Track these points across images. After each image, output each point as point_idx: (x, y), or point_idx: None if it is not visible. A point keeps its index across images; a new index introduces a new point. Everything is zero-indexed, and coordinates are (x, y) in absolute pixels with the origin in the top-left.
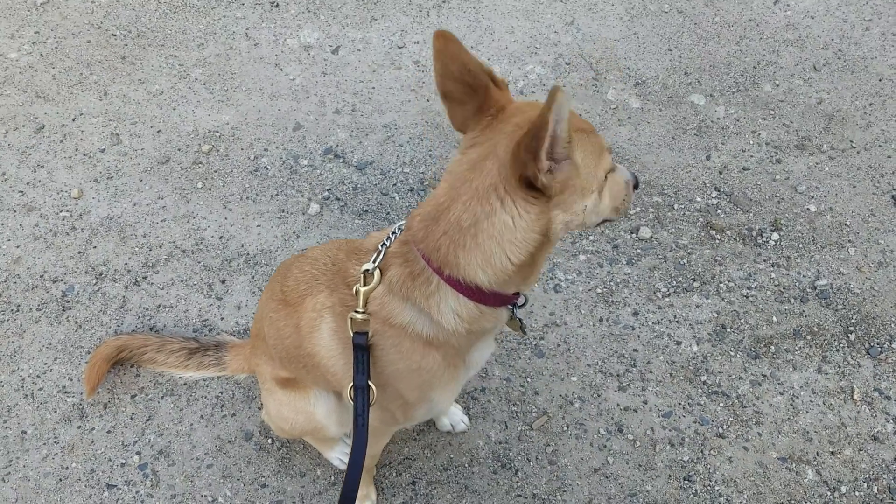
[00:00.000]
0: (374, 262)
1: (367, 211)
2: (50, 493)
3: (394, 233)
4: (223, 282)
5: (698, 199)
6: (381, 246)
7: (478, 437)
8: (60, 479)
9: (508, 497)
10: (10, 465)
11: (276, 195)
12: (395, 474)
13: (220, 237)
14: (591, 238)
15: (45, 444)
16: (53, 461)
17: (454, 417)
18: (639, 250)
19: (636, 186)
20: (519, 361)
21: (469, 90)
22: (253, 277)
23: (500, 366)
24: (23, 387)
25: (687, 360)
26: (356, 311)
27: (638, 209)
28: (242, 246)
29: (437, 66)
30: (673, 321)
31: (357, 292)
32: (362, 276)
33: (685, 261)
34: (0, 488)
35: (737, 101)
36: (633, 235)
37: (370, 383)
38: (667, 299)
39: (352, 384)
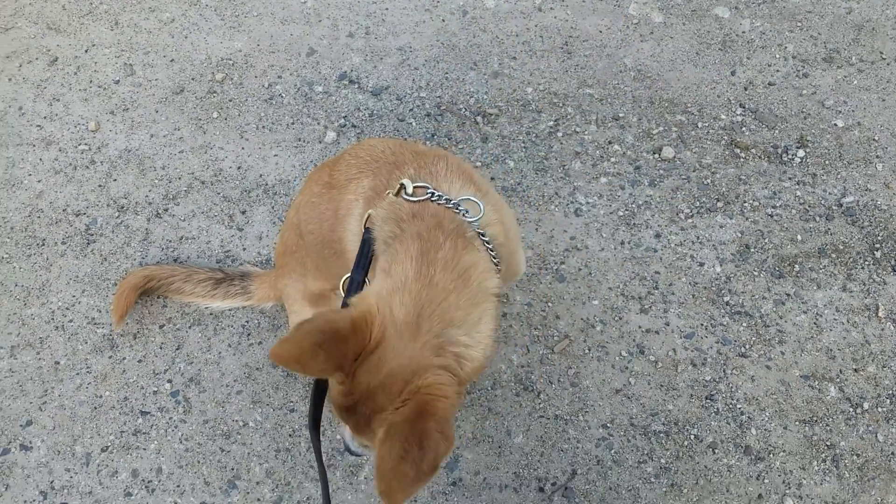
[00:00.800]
0: (412, 183)
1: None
2: (86, 421)
3: (441, 196)
4: (243, 212)
5: (723, 117)
6: (431, 191)
7: (500, 362)
8: (95, 408)
9: (531, 418)
10: (45, 395)
11: (292, 123)
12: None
13: (238, 168)
14: (613, 160)
15: (78, 373)
16: (87, 390)
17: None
18: (661, 171)
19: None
20: (540, 286)
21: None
22: (272, 208)
23: (521, 291)
24: (53, 319)
25: (710, 281)
26: (375, 209)
27: (661, 128)
28: (261, 176)
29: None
30: (696, 242)
31: (386, 195)
32: (399, 186)
33: (709, 181)
34: (38, 417)
35: (763, 13)
36: (656, 156)
37: (367, 279)
38: (690, 220)
39: (348, 275)
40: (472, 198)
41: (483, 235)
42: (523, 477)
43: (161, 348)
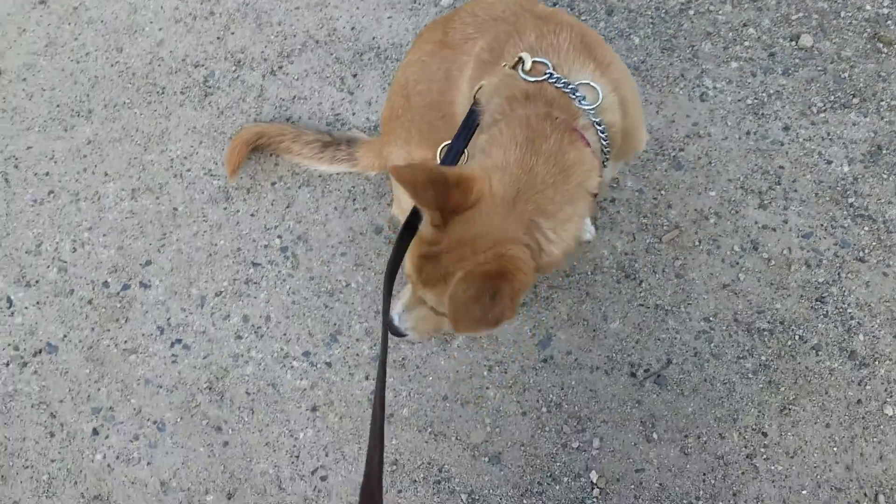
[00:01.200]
0: (531, 58)
1: None
2: (202, 266)
3: (560, 79)
4: (354, 76)
5: (868, 7)
6: (549, 72)
7: (603, 247)
8: (210, 254)
9: (630, 306)
10: (164, 238)
11: None
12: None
13: (352, 28)
14: (746, 44)
15: (195, 221)
16: (203, 237)
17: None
18: (797, 60)
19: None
20: (654, 173)
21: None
22: (383, 73)
23: (633, 176)
24: (172, 167)
25: (836, 180)
26: (487, 80)
27: (801, 14)
28: (373, 38)
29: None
30: (826, 139)
31: (502, 66)
32: (517, 58)
33: (846, 74)
34: (156, 258)
35: None
36: (793, 43)
37: (466, 150)
38: (822, 115)
39: (448, 143)
40: (591, 82)
41: (599, 124)
42: (615, 361)
43: (272, 205)
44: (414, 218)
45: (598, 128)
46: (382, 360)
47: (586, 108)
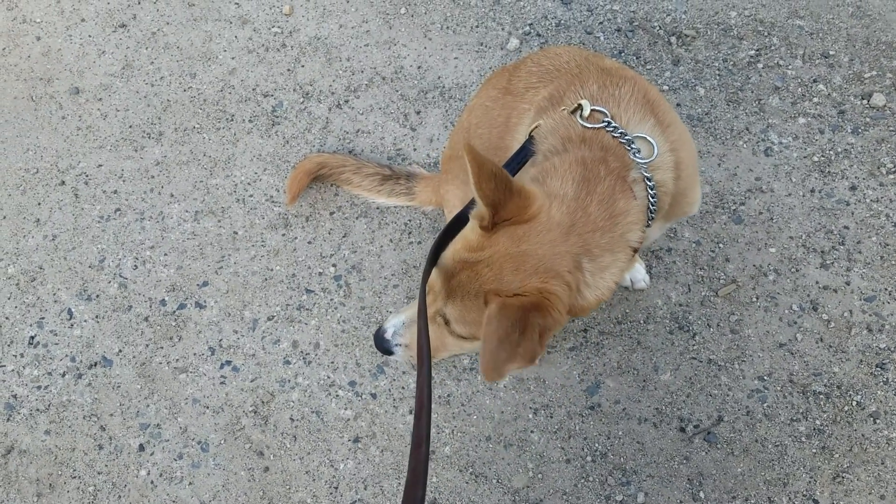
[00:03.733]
0: (590, 106)
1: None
2: (256, 290)
3: (617, 129)
4: (418, 113)
5: None
6: (607, 121)
7: (657, 297)
8: (266, 279)
9: (682, 358)
10: (222, 260)
11: (477, 27)
12: (567, 320)
13: (419, 67)
14: (815, 100)
15: (253, 245)
16: (260, 262)
17: (636, 275)
18: (868, 119)
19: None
20: (713, 225)
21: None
22: (446, 111)
23: (691, 228)
24: (235, 191)
25: None
26: (545, 120)
27: (874, 73)
28: (439, 78)
29: (473, 170)
30: (894, 200)
31: (561, 111)
32: (576, 106)
33: None
34: (213, 279)
35: None
36: (864, 102)
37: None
38: (891, 176)
39: None
40: (648, 137)
41: (649, 180)
42: (665, 414)
43: (329, 234)
44: (468, 209)
45: (649, 184)
46: (428, 380)
47: (640, 161)
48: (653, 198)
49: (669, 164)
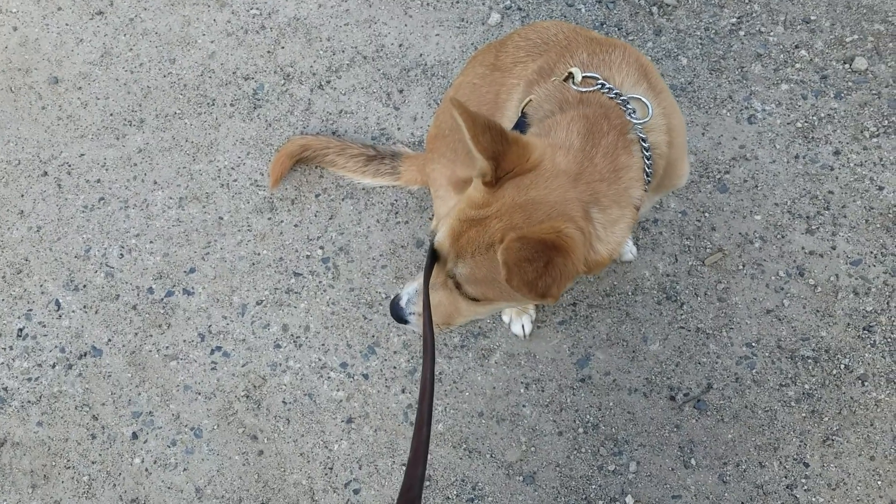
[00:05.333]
0: (582, 73)
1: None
2: (244, 275)
3: (612, 90)
4: (401, 91)
5: None
6: (602, 82)
7: (644, 268)
8: (253, 264)
9: (671, 328)
10: (209, 246)
11: (457, 2)
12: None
13: (400, 45)
14: (798, 66)
15: (239, 230)
16: (247, 246)
17: (623, 247)
18: (850, 83)
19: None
20: (699, 195)
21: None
22: (429, 89)
23: (676, 198)
24: (219, 176)
25: (887, 207)
26: (537, 92)
27: (855, 37)
28: (421, 55)
29: (467, 125)
30: (878, 164)
31: (552, 80)
32: (567, 74)
33: None
34: (200, 265)
35: None
36: (846, 66)
37: None
38: (874, 140)
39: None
40: (643, 98)
41: (644, 141)
42: (654, 384)
43: (315, 216)
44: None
45: (644, 145)
46: (431, 365)
47: (635, 122)
48: (648, 161)
49: (663, 127)
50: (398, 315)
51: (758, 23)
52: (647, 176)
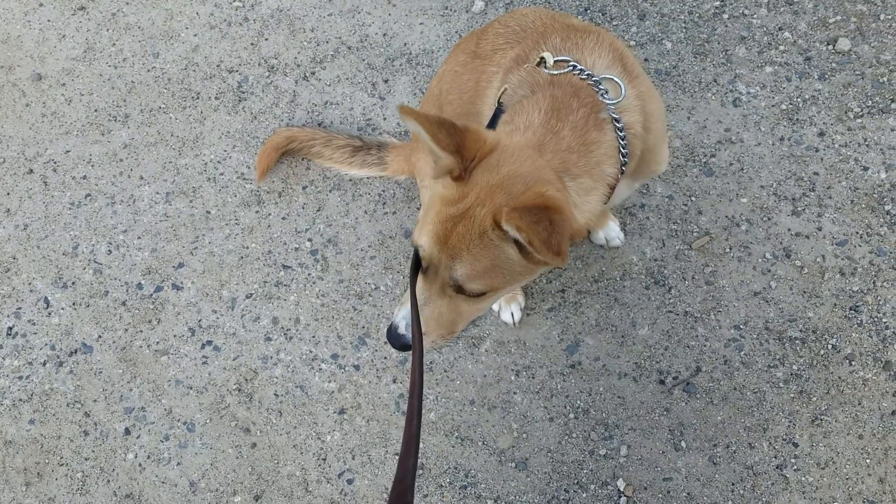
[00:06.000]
0: (553, 57)
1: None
2: (233, 269)
3: (582, 70)
4: (386, 81)
5: None
6: (578, 69)
7: (632, 253)
8: (242, 257)
9: (659, 312)
10: (196, 241)
11: None
12: (545, 281)
13: (384, 34)
14: (782, 48)
15: (227, 224)
16: (235, 240)
17: (610, 232)
18: (833, 64)
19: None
20: (685, 179)
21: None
22: (414, 78)
23: (663, 183)
24: (206, 170)
25: (872, 187)
26: (510, 79)
27: (839, 17)
28: (405, 45)
29: (425, 128)
30: (862, 144)
31: (525, 67)
32: (539, 59)
33: (885, 79)
34: (189, 260)
35: None
36: (830, 47)
37: None
38: (859, 120)
39: None
40: (615, 77)
41: (617, 121)
42: (644, 368)
43: (303, 208)
44: None
45: (617, 125)
46: (420, 360)
47: (608, 102)
48: (623, 142)
49: (637, 109)
50: (399, 342)
51: (741, 5)
52: (623, 157)
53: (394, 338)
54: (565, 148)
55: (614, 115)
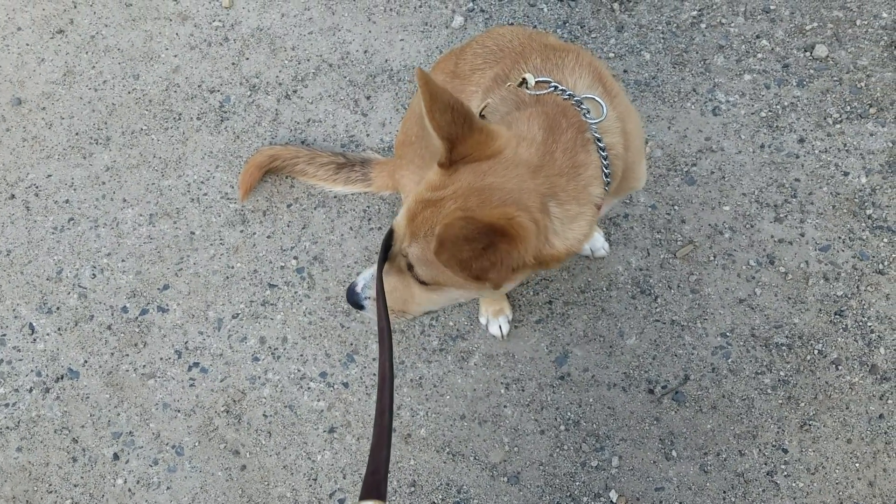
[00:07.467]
0: (535, 77)
1: (512, 24)
2: (218, 289)
3: (564, 90)
4: (368, 98)
5: (884, 15)
6: (560, 90)
7: (617, 263)
8: (227, 277)
9: (646, 321)
10: (181, 262)
11: (420, 6)
12: (531, 293)
13: (365, 51)
14: (759, 56)
15: (211, 244)
16: (220, 260)
17: (595, 243)
18: (811, 71)
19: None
20: (667, 188)
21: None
22: (396, 94)
23: (646, 193)
24: (189, 191)
25: (853, 192)
26: (492, 97)
27: (815, 24)
28: (386, 61)
29: (426, 99)
30: (842, 150)
31: (508, 87)
32: (521, 80)
33: (862, 84)
34: (174, 282)
35: None
36: (807, 54)
37: None
38: (838, 126)
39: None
40: (597, 97)
41: (599, 141)
42: (633, 378)
43: (288, 226)
44: None
45: (600, 145)
46: (389, 353)
47: (590, 121)
48: (605, 161)
49: (618, 130)
50: (354, 301)
51: (718, 14)
52: (606, 176)
53: (351, 294)
54: (557, 172)
55: (597, 136)
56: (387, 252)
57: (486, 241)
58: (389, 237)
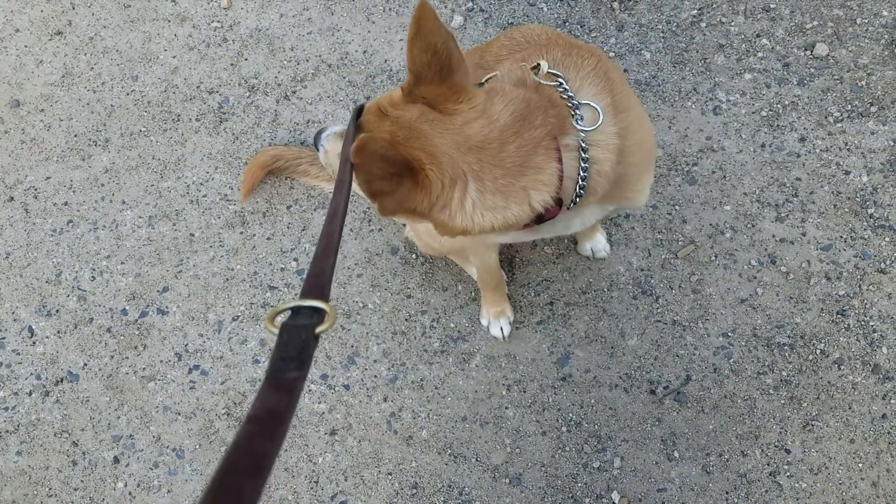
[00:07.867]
0: (548, 68)
1: (512, 23)
2: (218, 291)
3: (567, 91)
4: (367, 98)
5: (885, 13)
6: (563, 88)
7: (618, 264)
8: (227, 279)
9: (647, 322)
10: (181, 264)
11: None
12: (532, 294)
13: (364, 52)
14: (760, 55)
15: (211, 246)
16: (220, 262)
17: (597, 244)
18: (812, 69)
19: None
20: (668, 188)
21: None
22: None
23: None
24: (188, 193)
25: (854, 191)
26: (502, 69)
27: (815, 23)
28: (385, 61)
29: (411, 29)
30: (843, 149)
31: (521, 65)
32: (535, 63)
33: (864, 82)
34: (174, 284)
35: None
36: (808, 53)
37: None
38: (839, 125)
39: None
40: (596, 106)
41: (584, 151)
42: (634, 378)
43: (288, 228)
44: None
45: (583, 155)
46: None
47: (579, 128)
48: (583, 174)
49: (611, 146)
50: (315, 141)
51: (718, 13)
52: (581, 189)
53: (317, 137)
54: (495, 161)
55: (582, 146)
56: (359, 114)
57: (396, 169)
58: (361, 109)
